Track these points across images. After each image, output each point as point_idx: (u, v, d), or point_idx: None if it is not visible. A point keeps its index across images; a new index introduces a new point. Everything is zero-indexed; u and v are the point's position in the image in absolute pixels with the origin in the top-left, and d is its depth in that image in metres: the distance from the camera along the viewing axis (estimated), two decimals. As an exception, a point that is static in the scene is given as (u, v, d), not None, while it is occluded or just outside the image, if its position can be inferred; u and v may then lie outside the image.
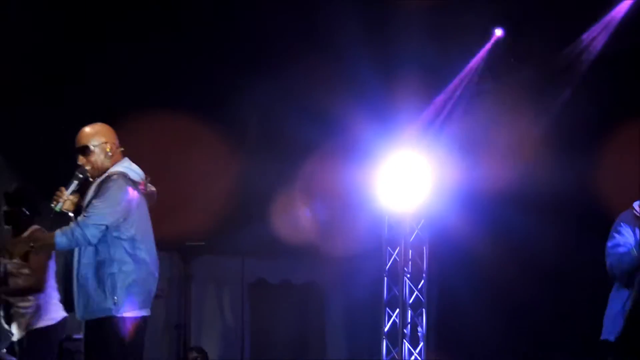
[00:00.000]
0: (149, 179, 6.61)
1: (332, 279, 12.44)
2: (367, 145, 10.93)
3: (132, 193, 6.38)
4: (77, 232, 6.17)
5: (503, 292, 10.07)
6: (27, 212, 8.18)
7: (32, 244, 6.60)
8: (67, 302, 6.71)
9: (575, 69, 9.78)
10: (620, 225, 6.63)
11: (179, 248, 11.45)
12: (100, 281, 6.23)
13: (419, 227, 11.16)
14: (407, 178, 10.81)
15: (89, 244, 6.22)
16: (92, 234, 6.18)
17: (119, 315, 6.20)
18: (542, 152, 9.60)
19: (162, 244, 7.63)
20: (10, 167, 10.53)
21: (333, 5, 9.68)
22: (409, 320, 11.08)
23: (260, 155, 11.61)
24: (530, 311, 9.90)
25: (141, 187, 6.50)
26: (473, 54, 10.71)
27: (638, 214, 6.56)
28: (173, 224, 9.78)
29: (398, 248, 11.17)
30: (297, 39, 10.20)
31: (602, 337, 6.65)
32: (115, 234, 6.29)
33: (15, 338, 8.10)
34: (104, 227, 6.21)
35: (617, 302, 6.64)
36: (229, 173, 11.26)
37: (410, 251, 11.16)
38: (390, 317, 11.19)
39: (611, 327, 6.62)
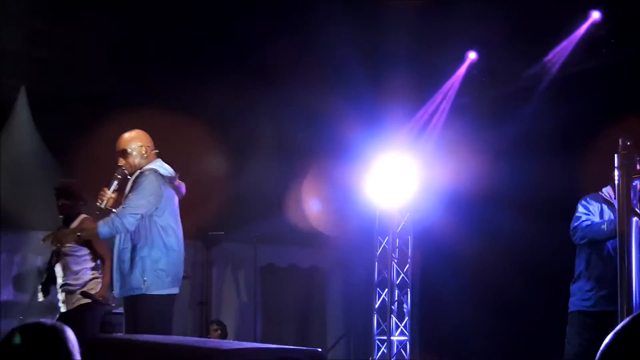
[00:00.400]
0: (178, 175, 6.92)
1: (332, 263, 12.79)
2: (361, 148, 11.15)
3: (163, 186, 6.68)
4: (117, 222, 6.50)
5: (478, 274, 10.28)
6: (79, 204, 8.32)
7: (79, 233, 7.04)
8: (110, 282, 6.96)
9: (538, 87, 10.00)
10: (587, 201, 6.88)
11: (202, 237, 11.56)
12: (133, 263, 6.55)
13: (404, 220, 11.43)
14: (395, 178, 11.02)
15: (127, 231, 6.56)
16: (129, 222, 6.50)
17: (149, 293, 6.52)
18: (522, 155, 9.75)
19: (188, 234, 8.00)
20: (59, 164, 10.64)
21: (324, 10, 9.75)
22: (396, 299, 11.33)
23: (269, 157, 11.91)
24: (502, 290, 9.96)
25: (176, 182, 6.84)
26: (454, 69, 10.84)
27: (607, 197, 6.80)
28: (197, 217, 10.08)
29: (387, 237, 11.45)
30: (291, 45, 10.30)
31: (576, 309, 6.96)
32: (149, 222, 6.60)
33: (62, 310, 8.19)
34: (139, 216, 6.54)
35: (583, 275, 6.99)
36: (243, 173, 11.57)
37: (397, 240, 11.43)
38: (380, 295, 11.47)
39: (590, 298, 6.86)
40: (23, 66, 10.35)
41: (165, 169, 6.86)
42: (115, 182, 6.83)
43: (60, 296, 8.28)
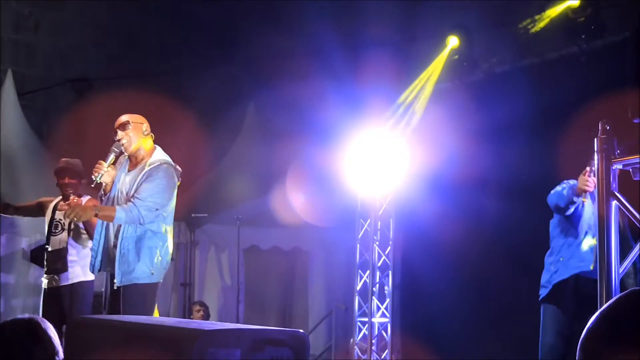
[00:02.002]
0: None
1: (315, 245, 12.82)
2: (344, 132, 11.08)
3: (174, 179, 6.61)
4: (135, 212, 6.30)
5: (459, 257, 10.40)
6: (81, 183, 8.23)
7: (96, 212, 6.60)
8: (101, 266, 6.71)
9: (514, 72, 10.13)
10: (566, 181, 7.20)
11: (186, 219, 11.63)
12: (139, 253, 6.39)
13: (386, 203, 11.36)
14: (378, 161, 10.97)
15: (140, 223, 6.37)
16: (146, 215, 6.34)
17: (153, 282, 6.45)
18: (503, 139, 9.75)
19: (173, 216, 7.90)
20: (45, 147, 10.67)
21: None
22: (378, 281, 11.26)
23: (252, 140, 11.90)
24: (482, 272, 10.10)
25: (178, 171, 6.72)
26: (435, 54, 10.80)
27: None
28: (181, 199, 10.09)
29: (369, 220, 11.38)
30: (274, 31, 10.37)
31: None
32: (159, 212, 6.46)
33: (56, 284, 8.11)
34: (157, 212, 6.41)
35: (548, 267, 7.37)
36: (227, 156, 11.54)
37: (379, 223, 11.37)
38: (361, 277, 11.38)
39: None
40: (10, 50, 10.33)
41: (169, 158, 6.75)
42: (112, 156, 6.66)
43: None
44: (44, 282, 8.29)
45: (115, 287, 6.49)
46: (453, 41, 10.55)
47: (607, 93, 7.77)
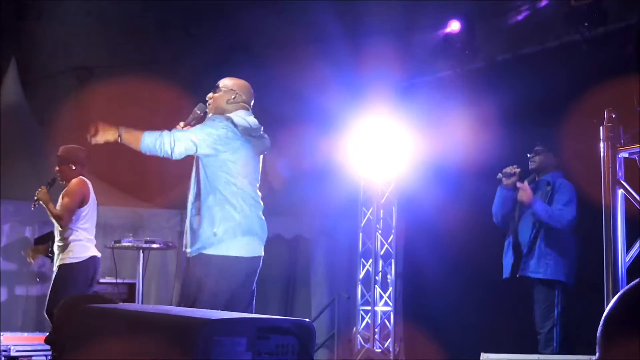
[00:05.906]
0: (261, 128, 6.16)
1: (317, 233, 12.74)
2: (346, 119, 11.12)
3: (233, 135, 5.81)
4: (166, 135, 5.65)
5: (461, 246, 10.32)
6: (73, 168, 8.35)
7: (119, 134, 5.68)
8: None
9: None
10: None
11: (187, 207, 11.51)
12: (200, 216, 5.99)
13: (389, 190, 11.38)
14: (380, 149, 11.04)
15: (169, 152, 5.66)
16: (176, 145, 5.65)
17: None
18: (507, 128, 9.67)
19: (173, 204, 7.85)
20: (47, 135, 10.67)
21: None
22: (380, 269, 11.34)
23: None
24: (485, 261, 9.82)
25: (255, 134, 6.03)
26: (437, 40, 10.77)
27: None
28: (182, 187, 10.07)
29: (371, 208, 11.46)
30: (272, 15, 10.41)
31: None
32: (195, 147, 5.71)
33: (54, 269, 8.31)
34: (191, 146, 5.68)
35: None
36: None
37: (381, 211, 11.43)
38: (364, 266, 11.45)
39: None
40: (13, 38, 10.37)
41: (243, 118, 5.97)
42: (191, 117, 5.99)
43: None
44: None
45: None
46: (454, 25, 10.48)
47: (610, 81, 7.78)
